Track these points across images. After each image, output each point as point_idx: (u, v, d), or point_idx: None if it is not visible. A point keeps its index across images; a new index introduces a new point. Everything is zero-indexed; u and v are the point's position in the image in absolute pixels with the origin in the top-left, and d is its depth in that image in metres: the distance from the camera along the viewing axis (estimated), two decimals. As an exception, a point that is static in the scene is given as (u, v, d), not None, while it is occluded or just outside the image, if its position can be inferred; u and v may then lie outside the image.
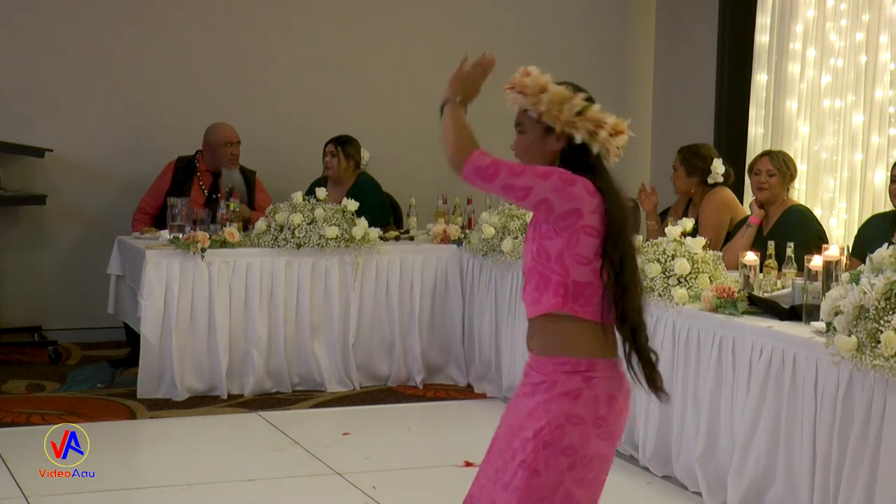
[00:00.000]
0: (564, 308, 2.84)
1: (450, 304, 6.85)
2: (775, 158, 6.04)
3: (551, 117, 2.90)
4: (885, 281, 3.82)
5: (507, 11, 8.61)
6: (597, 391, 2.84)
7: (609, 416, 2.86)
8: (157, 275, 6.26)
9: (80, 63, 7.73)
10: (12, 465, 5.11)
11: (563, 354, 2.86)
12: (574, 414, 2.82)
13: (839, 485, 4.01)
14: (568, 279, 2.84)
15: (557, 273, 2.84)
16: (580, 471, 2.84)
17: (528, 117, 2.98)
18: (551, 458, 2.81)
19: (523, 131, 3.01)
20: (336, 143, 7.38)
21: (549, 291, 2.85)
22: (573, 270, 2.84)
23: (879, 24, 6.92)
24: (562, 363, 2.85)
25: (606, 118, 2.89)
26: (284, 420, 6.00)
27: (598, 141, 2.88)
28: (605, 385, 2.86)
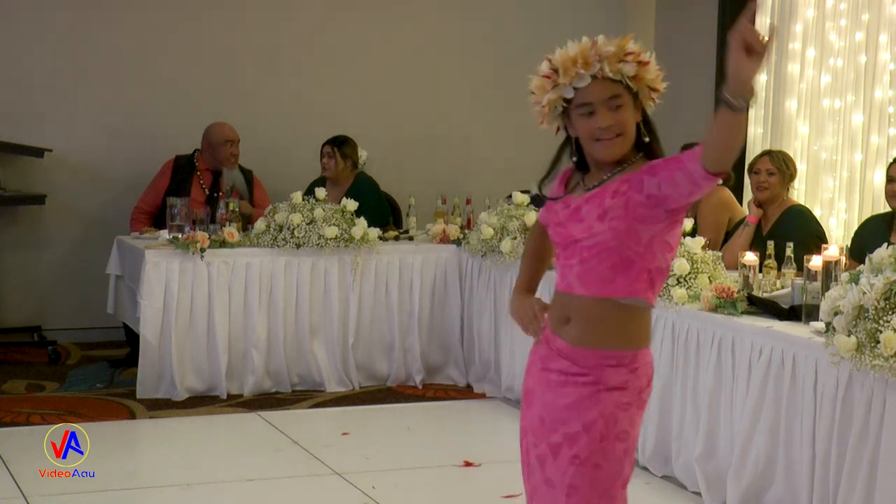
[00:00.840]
0: (646, 294, 2.75)
1: (449, 304, 6.85)
2: (775, 158, 6.04)
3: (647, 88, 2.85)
4: (884, 281, 3.82)
5: (507, 11, 8.61)
6: (640, 379, 2.80)
7: (646, 393, 2.85)
8: (157, 275, 6.26)
9: (79, 63, 7.73)
10: (12, 465, 5.11)
11: (611, 348, 2.76)
12: (623, 402, 2.77)
13: (838, 485, 4.01)
14: (652, 265, 2.74)
15: (645, 258, 2.72)
16: (632, 451, 2.82)
17: (623, 88, 2.80)
18: (609, 448, 2.75)
19: (622, 105, 2.79)
20: (333, 143, 7.38)
21: (629, 275, 2.72)
22: (659, 257, 2.74)
23: (879, 24, 6.92)
24: (606, 356, 2.76)
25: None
26: (284, 420, 6.00)
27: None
28: (646, 371, 2.82)
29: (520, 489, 2.94)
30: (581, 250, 2.74)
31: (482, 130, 8.48)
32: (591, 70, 2.73)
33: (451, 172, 8.40)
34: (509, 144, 8.36)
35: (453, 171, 8.41)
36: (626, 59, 2.76)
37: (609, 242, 2.70)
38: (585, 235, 2.73)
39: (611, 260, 2.71)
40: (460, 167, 8.43)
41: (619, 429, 2.76)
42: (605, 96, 2.74)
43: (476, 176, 8.33)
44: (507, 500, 4.69)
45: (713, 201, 6.41)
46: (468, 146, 8.51)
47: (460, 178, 8.32)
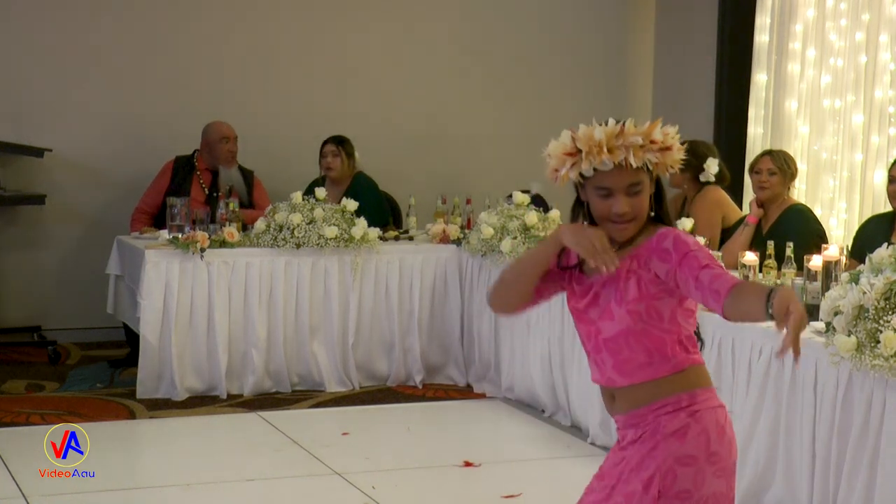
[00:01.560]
0: (689, 364, 2.74)
1: (449, 304, 6.85)
2: (776, 157, 6.04)
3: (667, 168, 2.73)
4: (884, 281, 3.82)
5: (507, 13, 8.61)
6: (704, 423, 2.69)
7: (721, 449, 2.69)
8: (157, 275, 6.26)
9: (79, 63, 7.73)
10: (12, 465, 5.11)
11: (660, 398, 2.70)
12: (684, 454, 2.65)
13: (838, 485, 4.01)
14: (682, 335, 2.74)
15: (671, 332, 2.71)
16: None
17: (644, 173, 2.69)
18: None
19: (640, 191, 2.69)
20: (336, 142, 7.38)
21: (664, 352, 2.71)
22: (684, 325, 2.74)
23: (879, 24, 6.92)
24: (661, 405, 2.70)
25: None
26: (284, 420, 5.99)
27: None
28: (711, 416, 2.70)
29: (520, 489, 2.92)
30: (610, 344, 2.72)
31: (482, 130, 8.48)
32: (616, 159, 2.64)
33: (451, 172, 8.39)
34: (509, 144, 8.36)
35: (453, 171, 8.40)
36: (652, 147, 2.67)
37: (634, 327, 2.68)
38: (610, 329, 2.71)
39: (641, 344, 2.70)
40: (460, 167, 8.43)
41: (680, 487, 2.64)
42: (625, 184, 2.67)
43: (476, 176, 8.32)
44: (507, 500, 4.69)
45: (706, 200, 6.39)
46: (468, 146, 8.51)
47: (460, 178, 8.31)
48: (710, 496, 2.67)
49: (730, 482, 2.72)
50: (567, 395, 5.84)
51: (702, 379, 2.75)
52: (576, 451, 5.53)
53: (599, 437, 5.55)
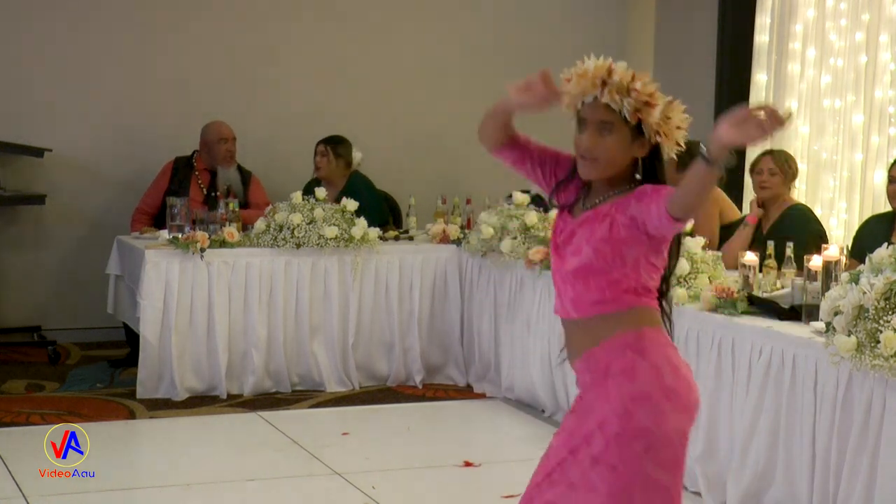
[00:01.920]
0: (634, 305, 2.76)
1: (449, 304, 6.85)
2: (777, 157, 6.03)
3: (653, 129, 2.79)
4: (884, 281, 3.82)
5: (507, 12, 8.61)
6: (653, 360, 2.71)
7: (678, 384, 2.71)
8: (157, 275, 6.26)
9: (79, 63, 7.72)
10: (12, 465, 5.11)
11: (608, 337, 2.74)
12: (637, 392, 2.67)
13: (838, 485, 4.01)
14: (639, 283, 2.77)
15: (630, 278, 2.75)
16: (658, 451, 2.66)
17: (619, 118, 2.76)
18: (624, 448, 2.65)
19: (611, 132, 2.77)
20: (326, 143, 7.37)
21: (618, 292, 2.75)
22: (645, 276, 2.78)
23: (879, 24, 6.92)
24: (609, 345, 2.74)
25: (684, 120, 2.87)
26: (284, 420, 5.99)
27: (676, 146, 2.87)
28: (661, 352, 2.73)
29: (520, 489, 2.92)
30: (571, 277, 2.81)
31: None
32: (594, 91, 2.77)
33: (451, 172, 8.39)
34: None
35: (453, 171, 8.40)
36: (630, 94, 2.75)
37: (595, 265, 2.76)
38: (574, 263, 2.80)
39: (598, 283, 2.76)
40: (460, 167, 8.42)
41: (636, 426, 2.65)
42: (597, 118, 2.76)
43: (476, 176, 8.31)
44: (507, 500, 4.69)
45: None
46: (468, 146, 8.43)
47: (460, 178, 8.31)
48: (673, 432, 2.68)
49: (692, 418, 2.73)
50: (567, 395, 5.84)
51: (650, 319, 2.78)
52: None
53: (599, 437, 5.54)
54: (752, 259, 5.06)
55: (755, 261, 5.07)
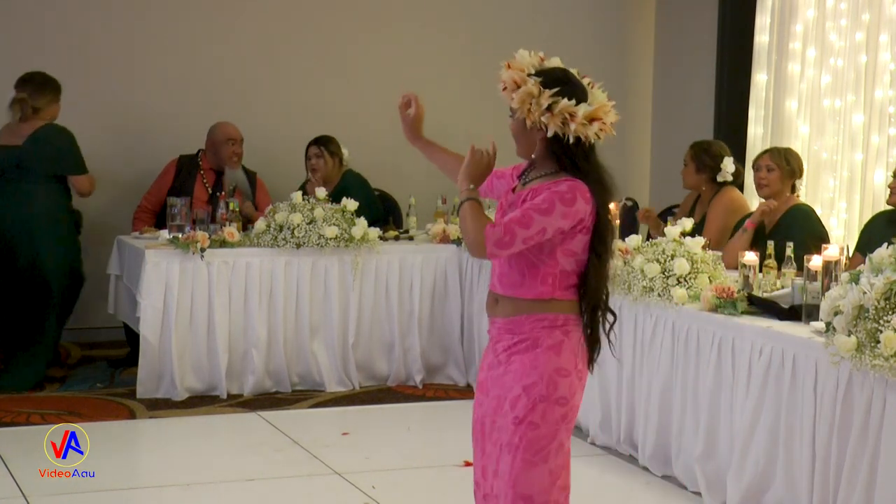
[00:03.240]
0: (554, 295, 3.05)
1: (449, 304, 6.85)
2: (774, 154, 6.02)
3: (522, 112, 3.06)
4: (884, 281, 3.82)
5: (506, 11, 8.61)
6: (574, 343, 3.07)
7: (583, 367, 3.10)
8: (157, 275, 6.26)
9: (79, 63, 7.72)
10: (12, 465, 5.11)
11: (535, 313, 3.06)
12: (560, 367, 3.04)
13: (838, 485, 4.01)
14: (556, 269, 3.05)
15: (548, 264, 3.05)
16: (570, 421, 3.08)
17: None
18: (548, 410, 3.03)
19: (511, 116, 3.15)
20: (318, 143, 7.34)
21: (536, 279, 3.06)
22: (563, 262, 3.05)
23: (879, 24, 6.92)
24: (540, 319, 3.06)
25: (579, 110, 3.03)
26: (284, 420, 6.00)
27: (570, 131, 3.03)
28: (578, 339, 3.08)
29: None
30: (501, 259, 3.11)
31: (482, 130, 8.44)
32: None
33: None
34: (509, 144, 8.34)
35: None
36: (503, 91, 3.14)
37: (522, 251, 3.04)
38: None
39: (519, 265, 3.07)
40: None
41: (559, 394, 3.03)
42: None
43: (476, 176, 8.31)
44: (507, 500, 4.68)
45: (723, 202, 6.31)
46: (468, 146, 8.49)
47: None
48: (577, 406, 3.11)
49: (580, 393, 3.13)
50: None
51: (572, 309, 3.08)
52: (576, 451, 5.46)
53: (599, 437, 5.55)
54: (752, 259, 5.06)
55: (755, 261, 5.07)
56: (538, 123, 3.04)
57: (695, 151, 6.45)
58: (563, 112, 3.03)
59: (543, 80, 3.06)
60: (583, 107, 3.05)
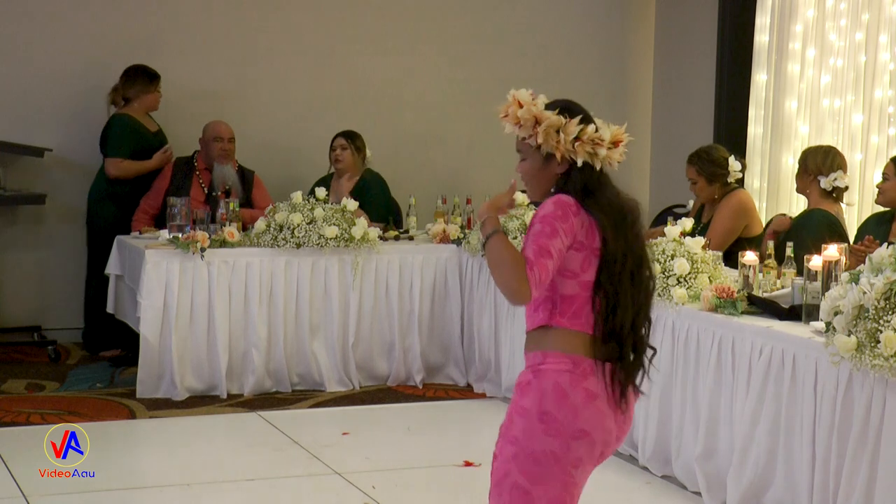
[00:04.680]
0: (552, 322, 2.89)
1: (449, 304, 6.85)
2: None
3: (550, 146, 2.92)
4: (884, 281, 3.82)
5: (507, 12, 8.61)
6: (542, 383, 2.85)
7: (558, 412, 2.84)
8: (157, 274, 6.26)
9: (79, 63, 7.72)
10: (12, 464, 5.11)
11: (529, 351, 2.94)
12: (521, 406, 2.88)
13: (838, 485, 4.01)
14: (555, 294, 2.88)
15: (549, 289, 2.89)
16: (524, 463, 2.85)
17: (527, 146, 2.99)
18: (505, 445, 2.91)
19: (524, 158, 3.01)
20: (346, 136, 7.42)
21: (540, 306, 2.91)
22: (560, 284, 2.88)
23: (879, 24, 6.92)
24: (527, 358, 2.95)
25: (603, 135, 2.92)
26: (284, 420, 6.00)
27: (598, 159, 2.92)
28: (552, 378, 2.85)
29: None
30: None
31: (482, 130, 8.48)
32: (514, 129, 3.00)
33: (451, 172, 8.39)
34: (510, 144, 8.32)
35: (453, 171, 8.40)
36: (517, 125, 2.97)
37: None
38: None
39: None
40: (460, 167, 8.43)
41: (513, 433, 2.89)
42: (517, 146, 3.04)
43: (476, 176, 8.33)
44: (507, 500, 4.68)
45: (731, 205, 6.24)
46: (468, 146, 8.51)
47: (460, 178, 8.32)
48: (539, 452, 2.85)
49: (570, 446, 2.85)
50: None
51: (561, 343, 2.88)
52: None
53: (599, 436, 5.54)
54: (752, 259, 5.06)
55: (755, 261, 5.07)
56: (568, 154, 2.91)
57: (700, 165, 6.29)
58: (591, 140, 2.91)
59: (565, 106, 2.95)
60: (607, 130, 2.94)
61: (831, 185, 5.87)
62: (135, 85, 7.35)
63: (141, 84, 7.35)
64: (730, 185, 6.36)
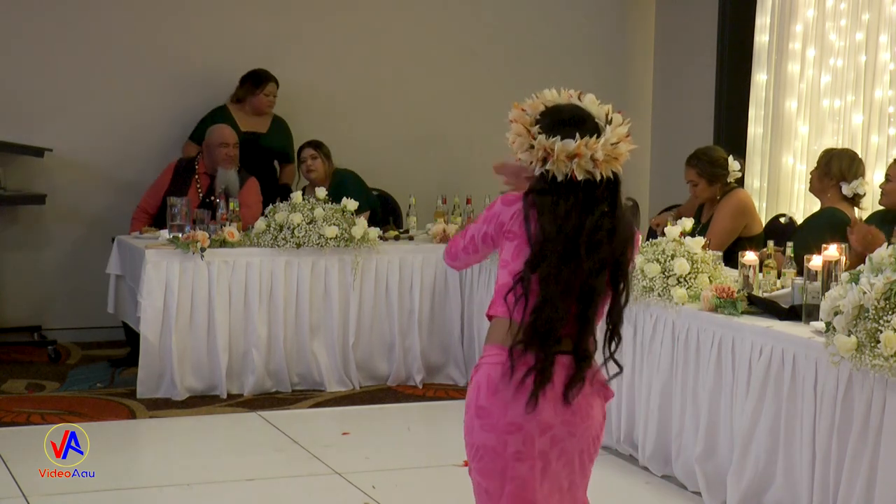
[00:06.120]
0: (491, 312, 2.85)
1: (449, 304, 6.85)
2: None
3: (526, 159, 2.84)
4: (884, 281, 3.82)
5: (507, 12, 8.61)
6: (478, 378, 2.82)
7: (492, 406, 2.78)
8: (157, 274, 6.26)
9: (79, 63, 7.73)
10: (12, 464, 5.11)
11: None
12: (466, 403, 2.86)
13: (839, 485, 4.01)
14: (499, 283, 2.84)
15: (496, 282, 2.87)
16: (474, 458, 2.84)
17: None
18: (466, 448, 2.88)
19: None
20: (313, 146, 7.42)
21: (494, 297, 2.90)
22: (500, 274, 2.85)
23: (879, 24, 6.92)
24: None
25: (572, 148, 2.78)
26: (284, 420, 6.00)
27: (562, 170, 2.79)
28: (485, 372, 2.80)
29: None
30: None
31: (482, 130, 8.48)
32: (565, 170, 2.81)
33: (451, 172, 8.40)
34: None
35: (453, 171, 8.41)
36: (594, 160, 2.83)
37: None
38: None
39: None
40: (460, 167, 8.43)
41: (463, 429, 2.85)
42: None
43: (476, 176, 8.32)
44: (507, 500, 4.68)
45: (731, 205, 6.24)
46: (468, 146, 8.51)
47: (460, 178, 8.32)
48: (480, 446, 2.81)
49: (505, 441, 2.78)
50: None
51: (495, 334, 2.84)
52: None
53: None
54: (752, 259, 5.06)
55: (755, 261, 5.07)
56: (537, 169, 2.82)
57: (700, 167, 6.28)
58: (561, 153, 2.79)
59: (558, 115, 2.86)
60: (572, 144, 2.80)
61: (853, 191, 5.86)
62: (243, 87, 7.71)
63: (248, 85, 7.70)
64: (729, 185, 6.36)
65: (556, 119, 2.85)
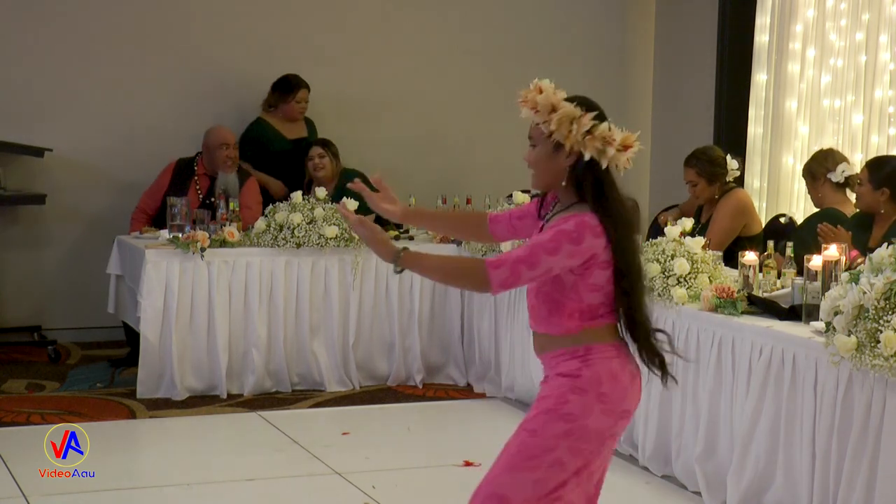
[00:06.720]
0: (583, 328, 3.01)
1: (449, 304, 6.85)
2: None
3: (561, 136, 2.96)
4: (884, 281, 3.82)
5: (507, 14, 8.60)
6: (597, 369, 2.99)
7: (613, 392, 2.99)
8: (157, 274, 6.26)
9: (80, 63, 7.72)
10: (12, 464, 5.11)
11: (559, 348, 3.04)
12: (576, 386, 2.98)
13: (839, 484, 4.01)
14: (583, 304, 3.00)
15: (572, 300, 3.00)
16: (576, 440, 2.96)
17: (539, 132, 3.03)
18: (550, 422, 2.97)
19: (535, 145, 3.06)
20: (322, 145, 7.43)
21: (563, 315, 3.01)
22: (588, 297, 2.99)
23: (879, 24, 6.92)
24: (559, 354, 3.04)
25: (615, 135, 2.97)
26: (284, 420, 6.00)
27: (606, 157, 2.97)
28: (605, 365, 3.00)
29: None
30: (531, 293, 3.09)
31: (482, 130, 8.48)
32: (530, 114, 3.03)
33: (451, 172, 8.39)
34: (509, 144, 8.32)
35: (453, 171, 8.40)
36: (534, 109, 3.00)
37: (543, 287, 3.03)
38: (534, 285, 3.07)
39: (547, 304, 3.04)
40: (460, 167, 8.43)
41: (566, 410, 2.97)
42: (530, 133, 3.07)
43: (476, 176, 8.33)
44: (507, 500, 4.68)
45: (730, 204, 6.24)
46: (468, 146, 8.51)
47: (460, 178, 8.31)
48: (592, 429, 2.98)
49: (616, 424, 3.02)
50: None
51: (599, 336, 3.02)
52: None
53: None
54: (751, 259, 5.06)
55: (755, 261, 5.07)
56: (577, 146, 2.96)
57: (700, 167, 6.28)
58: (602, 137, 2.96)
59: (584, 102, 3.00)
60: (619, 133, 2.98)
61: (842, 176, 5.92)
62: (274, 93, 7.73)
63: (278, 93, 7.72)
64: (728, 185, 6.36)
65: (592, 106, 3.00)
